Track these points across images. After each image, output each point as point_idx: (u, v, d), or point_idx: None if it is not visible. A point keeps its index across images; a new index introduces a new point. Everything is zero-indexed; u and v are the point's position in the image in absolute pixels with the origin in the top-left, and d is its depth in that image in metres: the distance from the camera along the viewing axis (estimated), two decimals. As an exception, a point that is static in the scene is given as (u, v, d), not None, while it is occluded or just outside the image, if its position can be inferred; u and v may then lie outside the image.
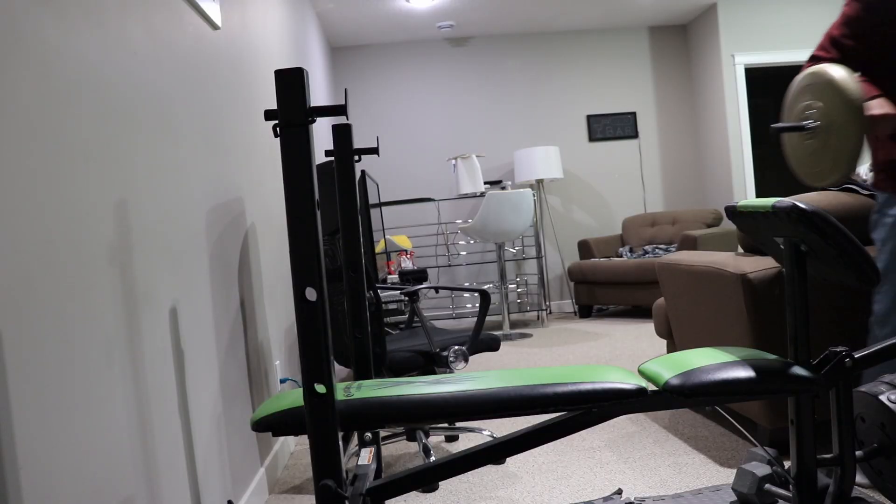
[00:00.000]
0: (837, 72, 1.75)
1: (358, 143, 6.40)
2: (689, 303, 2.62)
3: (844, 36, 1.97)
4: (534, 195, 5.22)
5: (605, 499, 2.00)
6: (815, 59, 2.02)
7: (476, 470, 2.35)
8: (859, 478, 1.93)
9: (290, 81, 1.05)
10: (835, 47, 2.00)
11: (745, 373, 1.33)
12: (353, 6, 5.31)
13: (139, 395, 1.35)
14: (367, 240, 3.16)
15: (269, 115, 1.08)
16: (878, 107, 1.79)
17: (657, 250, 5.79)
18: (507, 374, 1.38)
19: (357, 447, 1.91)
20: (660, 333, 3.06)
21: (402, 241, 5.32)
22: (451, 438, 2.77)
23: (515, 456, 2.49)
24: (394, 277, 4.62)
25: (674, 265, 2.69)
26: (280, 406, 1.31)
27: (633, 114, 6.63)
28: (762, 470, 1.75)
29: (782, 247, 1.49)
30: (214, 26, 2.15)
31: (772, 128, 1.86)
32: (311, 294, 1.07)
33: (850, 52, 1.96)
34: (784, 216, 1.35)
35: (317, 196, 1.07)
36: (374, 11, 5.49)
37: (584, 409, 1.32)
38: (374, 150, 1.96)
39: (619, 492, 2.03)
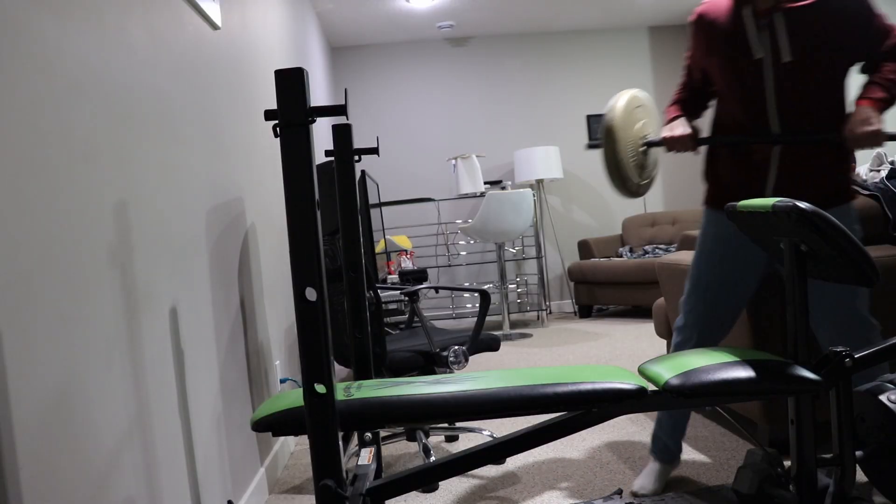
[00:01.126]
0: (616, 98, 1.99)
1: (358, 143, 6.40)
2: (689, 303, 2.62)
3: (687, 59, 2.11)
4: (534, 195, 5.22)
5: (605, 499, 2.00)
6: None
7: (476, 470, 2.35)
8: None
9: (290, 81, 1.05)
10: (686, 71, 2.14)
11: (745, 373, 1.33)
12: (353, 6, 5.31)
13: (139, 395, 1.35)
14: (367, 240, 3.16)
15: (269, 115, 1.08)
16: (666, 130, 2.00)
17: (657, 250, 5.79)
18: (507, 374, 1.38)
19: (357, 447, 1.91)
20: (660, 333, 3.06)
21: (402, 241, 5.32)
22: (451, 438, 2.77)
23: (515, 456, 2.49)
24: (394, 277, 4.62)
25: (674, 265, 2.69)
26: (280, 406, 1.31)
27: (633, 114, 6.63)
28: (762, 470, 1.75)
29: (782, 247, 1.49)
30: (214, 26, 2.15)
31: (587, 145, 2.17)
32: (311, 294, 1.07)
33: (692, 76, 2.10)
34: (784, 216, 1.35)
35: (317, 196, 1.07)
36: (374, 11, 5.49)
37: (584, 410, 1.32)
38: (374, 151, 1.96)
39: (619, 492, 2.03)
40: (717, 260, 1.96)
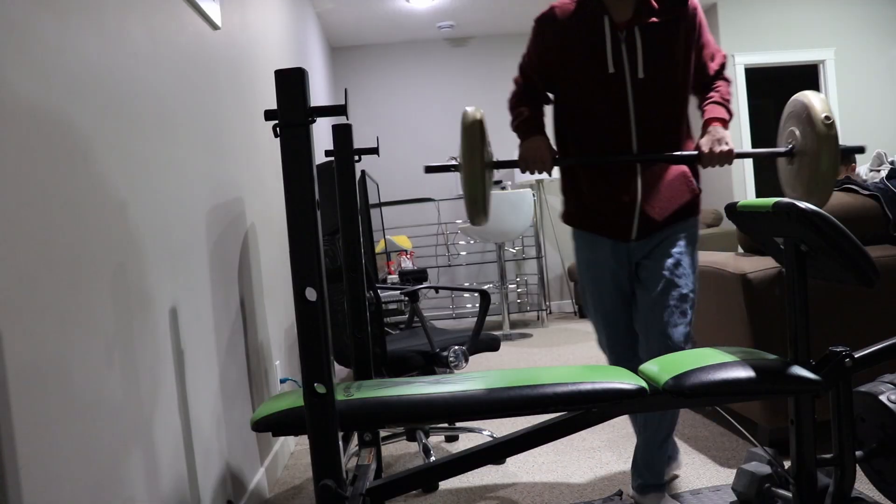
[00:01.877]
0: (470, 113, 1.78)
1: (358, 143, 6.40)
2: (689, 303, 2.62)
3: (527, 61, 2.01)
4: (533, 195, 5.22)
5: (606, 500, 2.00)
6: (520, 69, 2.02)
7: (476, 470, 2.35)
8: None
9: (291, 81, 1.05)
10: (522, 76, 2.03)
11: (745, 373, 1.33)
12: (353, 6, 5.31)
13: (139, 395, 1.35)
14: (367, 240, 3.16)
15: (269, 115, 1.08)
16: (522, 149, 1.90)
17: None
18: (507, 374, 1.38)
19: (357, 447, 1.91)
20: (660, 333, 3.06)
21: (402, 241, 5.32)
22: (451, 438, 2.77)
23: (515, 456, 2.49)
24: (394, 277, 4.62)
25: (674, 265, 2.69)
26: (280, 406, 1.31)
27: (633, 114, 6.63)
28: (762, 470, 1.75)
29: (782, 247, 1.49)
30: (214, 26, 2.15)
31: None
32: (310, 294, 1.07)
33: (531, 82, 2.00)
34: (784, 216, 1.35)
35: (317, 196, 1.07)
36: (374, 11, 5.49)
37: (584, 410, 1.32)
38: (374, 151, 1.96)
39: (620, 493, 2.03)
40: (602, 282, 1.92)
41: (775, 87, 8.42)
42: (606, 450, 2.46)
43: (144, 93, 1.52)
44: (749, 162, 6.15)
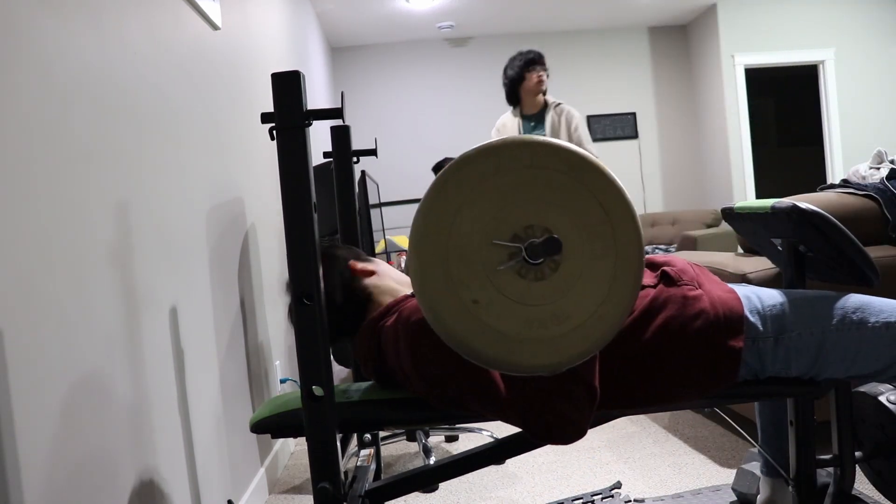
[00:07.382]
0: None
1: (358, 143, 6.40)
2: (688, 303, 2.62)
3: None
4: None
5: (603, 496, 2.00)
6: None
7: (476, 470, 2.35)
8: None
9: (287, 84, 1.05)
10: None
11: (744, 374, 1.32)
12: (353, 6, 5.31)
13: (139, 395, 1.36)
14: (367, 240, 3.16)
15: (265, 118, 1.08)
16: None
17: (657, 251, 5.79)
18: (506, 374, 1.37)
19: (357, 447, 1.91)
20: (660, 334, 3.05)
21: (403, 241, 5.32)
22: (451, 438, 2.77)
23: (515, 456, 2.49)
24: (394, 277, 4.61)
25: (674, 265, 2.69)
26: (279, 408, 1.31)
27: (633, 114, 6.63)
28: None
29: (780, 248, 1.49)
30: (214, 26, 2.15)
31: None
32: (308, 296, 1.07)
33: None
34: (784, 217, 1.35)
35: (314, 199, 1.07)
36: (374, 11, 5.49)
37: (584, 410, 1.31)
38: (373, 152, 1.96)
39: (619, 485, 2.03)
40: None
41: (775, 87, 8.42)
42: (606, 450, 2.46)
43: (144, 93, 1.52)
44: (749, 163, 6.15)
